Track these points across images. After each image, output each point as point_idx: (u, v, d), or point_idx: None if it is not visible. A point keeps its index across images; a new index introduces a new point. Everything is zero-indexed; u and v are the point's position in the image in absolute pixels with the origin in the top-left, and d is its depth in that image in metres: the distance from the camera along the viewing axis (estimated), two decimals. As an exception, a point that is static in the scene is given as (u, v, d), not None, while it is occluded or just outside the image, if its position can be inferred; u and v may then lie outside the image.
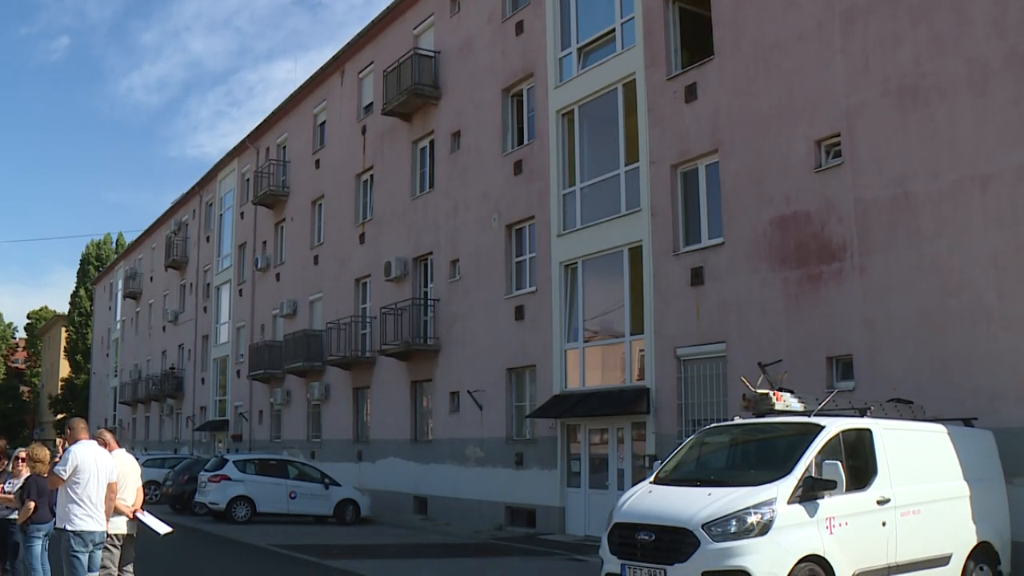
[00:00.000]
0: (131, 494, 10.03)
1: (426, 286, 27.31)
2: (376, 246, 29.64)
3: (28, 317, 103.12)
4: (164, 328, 52.94)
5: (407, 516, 26.07)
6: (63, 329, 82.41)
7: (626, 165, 19.93)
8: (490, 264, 24.00)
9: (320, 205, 34.50)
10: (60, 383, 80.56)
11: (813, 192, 15.66)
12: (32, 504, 10.62)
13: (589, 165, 21.23)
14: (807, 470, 9.52)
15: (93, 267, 78.25)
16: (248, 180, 41.23)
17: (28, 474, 11.05)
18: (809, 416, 10.56)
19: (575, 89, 21.53)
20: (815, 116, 15.77)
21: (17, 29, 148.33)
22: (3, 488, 11.56)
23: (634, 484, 11.74)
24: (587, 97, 21.24)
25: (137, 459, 10.97)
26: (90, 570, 9.16)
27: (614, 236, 20.00)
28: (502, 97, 24.22)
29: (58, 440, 13.21)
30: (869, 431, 10.28)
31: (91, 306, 76.49)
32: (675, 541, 9.29)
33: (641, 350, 19.15)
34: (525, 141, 23.48)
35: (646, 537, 9.53)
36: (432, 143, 27.47)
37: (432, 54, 27.16)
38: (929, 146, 13.96)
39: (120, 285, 63.74)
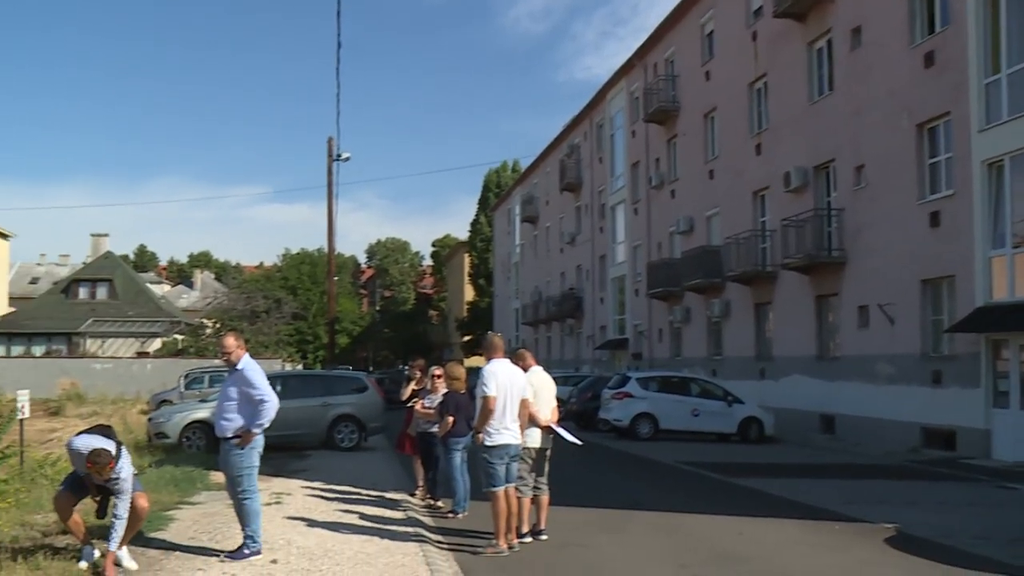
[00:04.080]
0: (546, 409, 10.61)
1: (828, 195, 26.63)
2: (773, 156, 29.27)
3: (433, 245, 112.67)
4: (562, 250, 55.69)
5: (812, 435, 25.92)
6: (466, 255, 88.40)
7: (1062, 45, 18.10)
8: (899, 168, 22.91)
9: (712, 118, 34.53)
10: (465, 306, 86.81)
11: None
12: (451, 419, 11.89)
13: (1017, 48, 19.45)
14: None
15: (492, 194, 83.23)
16: (637, 98, 42.08)
17: (446, 391, 12.37)
18: None
19: (997, -36, 19.76)
20: None
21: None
22: (423, 404, 13.03)
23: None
24: (1012, -30, 19.41)
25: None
26: (507, 480, 9.89)
27: (1048, 127, 18.32)
28: (909, -17, 22.82)
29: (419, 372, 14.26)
30: None
31: (491, 232, 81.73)
32: None
33: (1083, 255, 17.56)
34: (936, 29, 22.00)
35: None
36: (829, 42, 26.50)
37: (827, -55, 26.06)
38: None
39: (518, 210, 67.70)
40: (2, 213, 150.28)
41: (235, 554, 8.75)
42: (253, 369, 8.96)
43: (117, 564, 8.21)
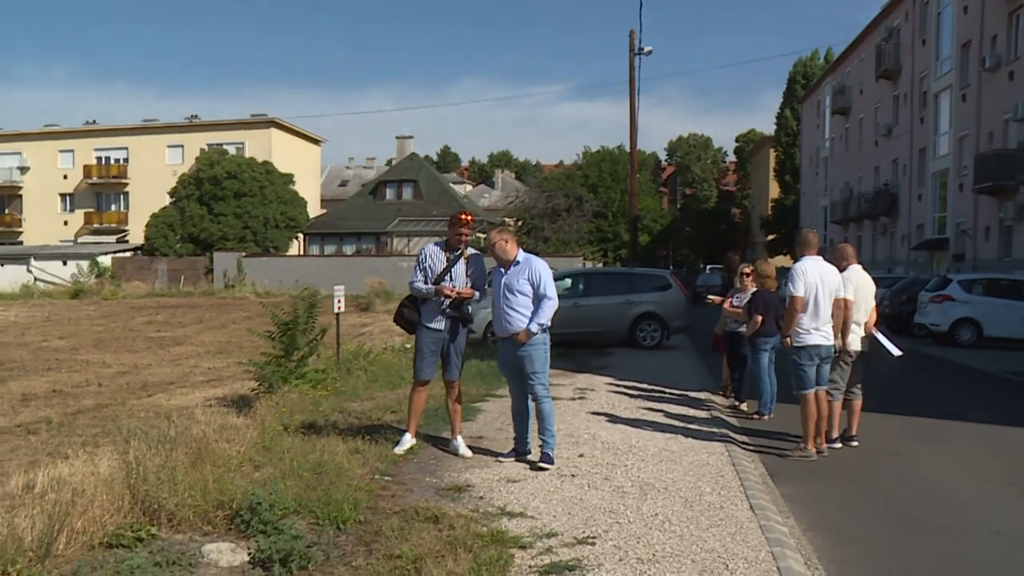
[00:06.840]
0: (863, 311, 10.16)
1: None
2: None
3: (736, 140, 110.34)
4: (876, 143, 52.90)
5: None
6: (771, 150, 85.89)
7: None
8: None
9: (1063, -15, 31.21)
10: (770, 204, 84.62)
11: None
12: (759, 318, 11.70)
13: None
14: None
15: (799, 85, 79.89)
16: (972, -32, 38.74)
17: (755, 289, 12.12)
18: None
19: None
20: None
21: None
22: (731, 302, 12.84)
23: None
24: None
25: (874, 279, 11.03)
26: (818, 383, 9.62)
27: None
28: None
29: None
30: None
31: (798, 125, 78.74)
32: None
33: None
34: None
35: None
36: None
37: None
38: None
39: (828, 101, 64.71)
40: (314, 120, 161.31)
41: (543, 459, 8.46)
42: (538, 262, 8.52)
43: (454, 453, 8.79)
